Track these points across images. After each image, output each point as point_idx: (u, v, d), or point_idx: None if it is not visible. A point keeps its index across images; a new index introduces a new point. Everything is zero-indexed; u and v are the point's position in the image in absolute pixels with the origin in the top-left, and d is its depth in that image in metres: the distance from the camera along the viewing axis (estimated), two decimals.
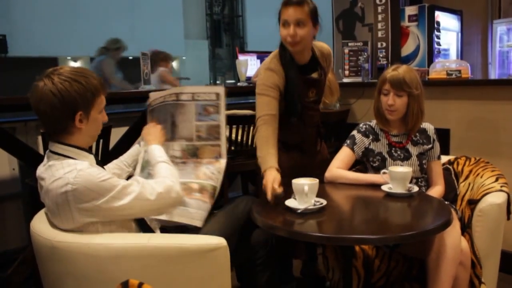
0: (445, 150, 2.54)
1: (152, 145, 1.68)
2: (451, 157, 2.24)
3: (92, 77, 1.41)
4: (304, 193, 1.52)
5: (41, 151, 2.20)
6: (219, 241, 1.35)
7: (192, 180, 1.71)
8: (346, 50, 3.46)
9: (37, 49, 12.77)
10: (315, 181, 1.57)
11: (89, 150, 1.49)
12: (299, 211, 1.53)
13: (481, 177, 2.02)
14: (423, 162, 1.99)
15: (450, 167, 2.19)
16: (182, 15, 16.27)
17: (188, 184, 1.69)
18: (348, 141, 2.07)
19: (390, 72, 1.94)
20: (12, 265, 2.36)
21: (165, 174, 1.53)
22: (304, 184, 1.53)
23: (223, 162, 1.77)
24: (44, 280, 1.46)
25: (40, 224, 1.43)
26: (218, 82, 18.01)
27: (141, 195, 1.39)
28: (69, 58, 14.56)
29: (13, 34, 12.54)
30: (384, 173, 1.84)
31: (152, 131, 1.74)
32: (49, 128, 1.42)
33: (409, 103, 1.93)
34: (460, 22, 4.21)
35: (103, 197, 1.33)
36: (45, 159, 1.44)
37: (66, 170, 1.34)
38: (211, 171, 1.73)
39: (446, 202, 1.91)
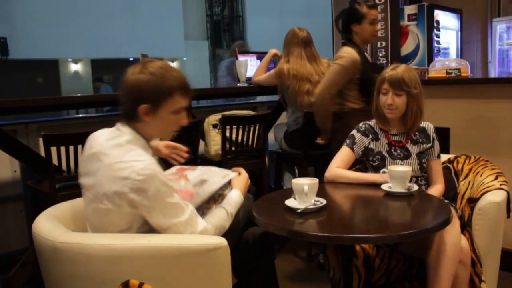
0: (445, 149, 2.55)
1: (236, 189, 1.69)
2: (451, 156, 2.25)
3: (172, 77, 1.41)
4: (304, 193, 1.53)
5: (42, 153, 2.20)
6: (219, 241, 1.36)
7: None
8: None
9: (38, 51, 12.81)
10: (315, 180, 1.58)
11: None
12: (298, 210, 1.53)
13: (481, 175, 2.02)
14: (423, 161, 2.00)
15: (450, 165, 2.20)
16: (182, 16, 16.29)
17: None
18: (347, 141, 2.07)
19: (388, 72, 1.95)
20: (14, 266, 2.37)
21: (215, 220, 1.53)
22: (304, 184, 1.54)
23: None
24: (46, 281, 1.47)
25: (42, 225, 1.44)
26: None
27: (180, 226, 1.40)
28: (70, 60, 14.61)
29: (14, 37, 12.58)
30: (383, 172, 1.85)
31: (242, 178, 1.75)
32: (122, 111, 1.44)
33: (408, 102, 1.93)
34: (459, 21, 4.21)
35: (154, 202, 1.34)
36: (110, 133, 1.44)
37: (135, 158, 1.35)
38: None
39: (446, 201, 1.92)
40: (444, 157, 2.21)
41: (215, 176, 1.74)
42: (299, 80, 2.88)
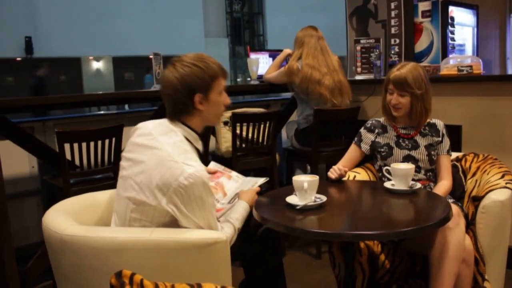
0: (456, 146, 2.53)
1: (243, 201, 1.72)
2: (459, 154, 2.23)
3: (212, 62, 1.53)
4: (304, 190, 1.55)
5: (58, 149, 2.28)
6: (219, 236, 1.39)
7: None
8: (358, 47, 3.45)
9: (61, 49, 13.11)
10: (315, 178, 1.60)
11: (201, 137, 1.58)
12: (298, 207, 1.55)
13: (488, 173, 2.00)
14: (432, 153, 2.00)
15: (458, 164, 2.18)
16: (202, 13, 16.37)
17: None
18: (356, 138, 2.13)
19: (394, 72, 1.97)
20: (32, 258, 2.46)
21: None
22: (304, 181, 1.56)
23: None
24: (55, 272, 1.53)
25: (51, 218, 1.49)
26: (238, 80, 18.09)
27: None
28: (92, 58, 14.87)
29: (38, 36, 12.90)
30: (387, 170, 1.86)
31: (250, 192, 1.79)
32: (173, 109, 1.52)
33: (412, 102, 1.95)
34: (476, 17, 4.13)
35: (191, 207, 1.39)
36: (163, 128, 1.51)
37: (187, 162, 1.39)
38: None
39: (452, 200, 1.91)
40: (453, 155, 2.20)
41: (247, 187, 1.83)
42: (311, 67, 2.91)
